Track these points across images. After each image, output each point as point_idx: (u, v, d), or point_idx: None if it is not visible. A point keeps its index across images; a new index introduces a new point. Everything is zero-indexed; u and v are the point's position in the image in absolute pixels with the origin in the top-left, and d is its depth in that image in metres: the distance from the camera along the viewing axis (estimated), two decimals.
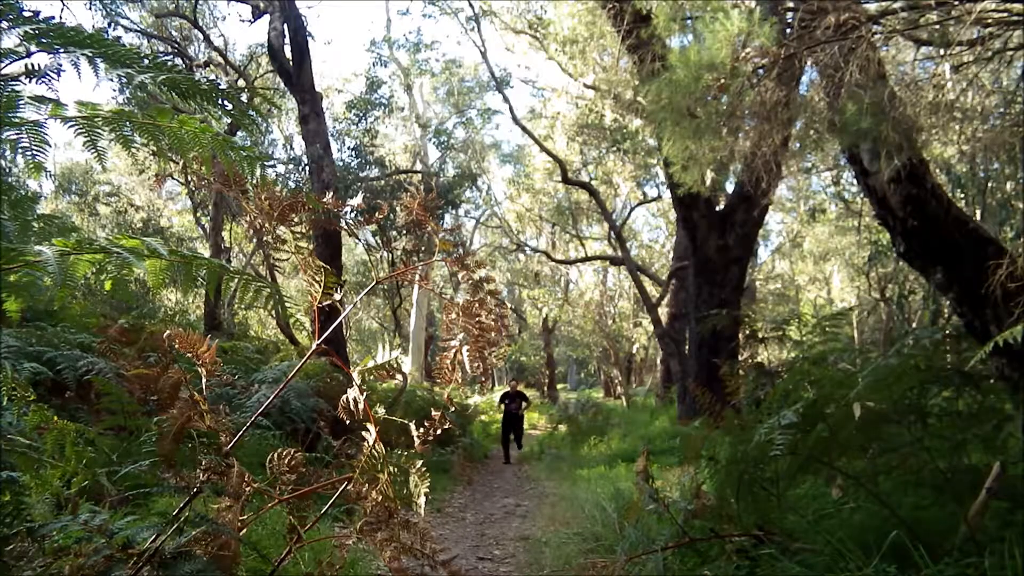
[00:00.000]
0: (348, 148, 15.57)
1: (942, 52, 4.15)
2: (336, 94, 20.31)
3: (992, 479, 3.16)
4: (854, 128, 4.08)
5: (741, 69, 4.23)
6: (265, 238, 1.97)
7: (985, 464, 3.40)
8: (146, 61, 1.29)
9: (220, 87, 1.41)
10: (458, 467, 9.37)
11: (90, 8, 12.40)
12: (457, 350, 1.78)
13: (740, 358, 9.96)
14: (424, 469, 1.92)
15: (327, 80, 21.07)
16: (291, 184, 13.57)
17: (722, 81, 4.24)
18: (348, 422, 1.94)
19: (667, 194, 18.19)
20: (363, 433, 1.94)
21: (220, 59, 15.34)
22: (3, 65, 1.32)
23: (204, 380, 1.95)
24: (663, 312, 17.18)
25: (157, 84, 1.28)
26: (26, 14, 1.19)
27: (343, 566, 2.00)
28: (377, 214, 2.02)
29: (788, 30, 4.30)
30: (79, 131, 1.32)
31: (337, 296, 2.04)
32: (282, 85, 13.73)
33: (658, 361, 21.66)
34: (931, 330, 5.24)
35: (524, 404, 13.33)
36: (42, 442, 2.42)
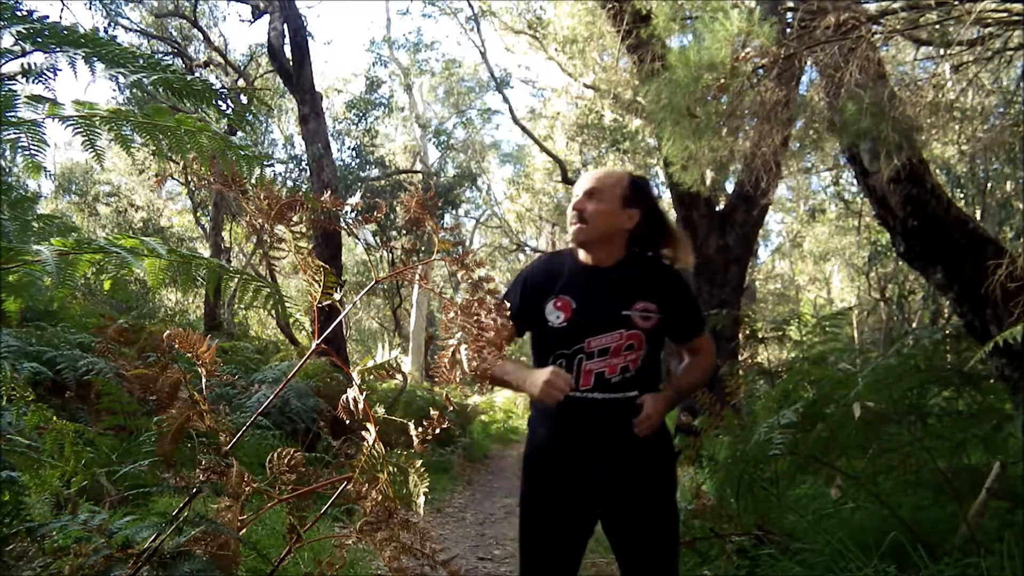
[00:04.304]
0: (348, 148, 15.56)
1: (942, 52, 4.15)
2: (336, 94, 20.30)
3: (992, 479, 3.16)
4: (854, 128, 4.08)
5: (741, 69, 4.23)
6: (264, 237, 1.97)
7: (985, 464, 3.40)
8: (141, 61, 1.29)
9: (213, 87, 1.41)
10: (458, 467, 9.36)
11: (90, 8, 12.39)
12: (455, 349, 1.78)
13: (740, 358, 9.95)
14: (424, 469, 1.92)
15: (327, 80, 21.08)
16: (291, 183, 13.57)
17: (722, 81, 4.24)
18: (348, 422, 1.94)
19: (667, 194, 18.15)
20: (363, 433, 1.94)
21: (220, 59, 15.33)
22: (0, 64, 1.32)
23: (204, 380, 1.95)
24: None
25: (152, 84, 1.28)
26: (20, 13, 1.19)
27: (343, 566, 2.00)
28: (376, 213, 2.02)
29: (788, 30, 4.30)
30: (77, 130, 1.32)
31: (337, 296, 2.04)
32: (282, 85, 13.72)
33: None
34: (931, 330, 5.24)
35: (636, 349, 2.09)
36: (42, 442, 2.42)
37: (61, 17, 11.81)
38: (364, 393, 1.91)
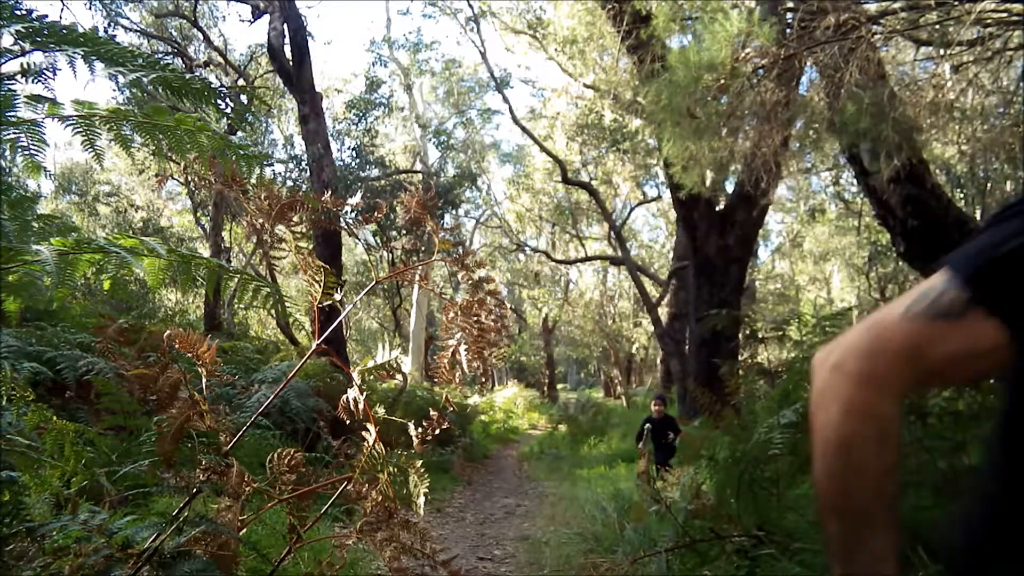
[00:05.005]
0: (348, 148, 15.57)
1: (942, 52, 4.15)
2: (336, 94, 20.30)
3: None
4: (854, 128, 4.08)
5: (741, 69, 4.23)
6: (264, 237, 1.97)
7: None
8: (140, 60, 1.29)
9: (213, 87, 1.41)
10: (458, 467, 9.36)
11: (90, 8, 12.40)
12: (455, 349, 1.78)
13: (740, 358, 9.95)
14: (424, 469, 1.91)
15: (327, 80, 21.08)
16: (291, 183, 13.57)
17: (722, 81, 4.24)
18: (348, 422, 1.94)
19: (667, 194, 18.20)
20: (363, 433, 1.94)
21: (220, 59, 15.34)
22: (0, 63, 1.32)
23: (204, 380, 1.95)
24: (663, 312, 17.17)
25: (151, 83, 1.28)
26: (19, 12, 1.19)
27: (343, 566, 2.00)
28: (376, 213, 2.02)
29: (788, 30, 4.30)
30: (76, 130, 1.32)
31: (337, 296, 2.04)
32: (282, 85, 13.72)
33: (658, 361, 21.67)
34: None
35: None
36: (42, 442, 2.42)
37: (61, 17, 11.81)
38: (364, 393, 1.91)
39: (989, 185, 10.81)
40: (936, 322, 0.75)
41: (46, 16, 1.20)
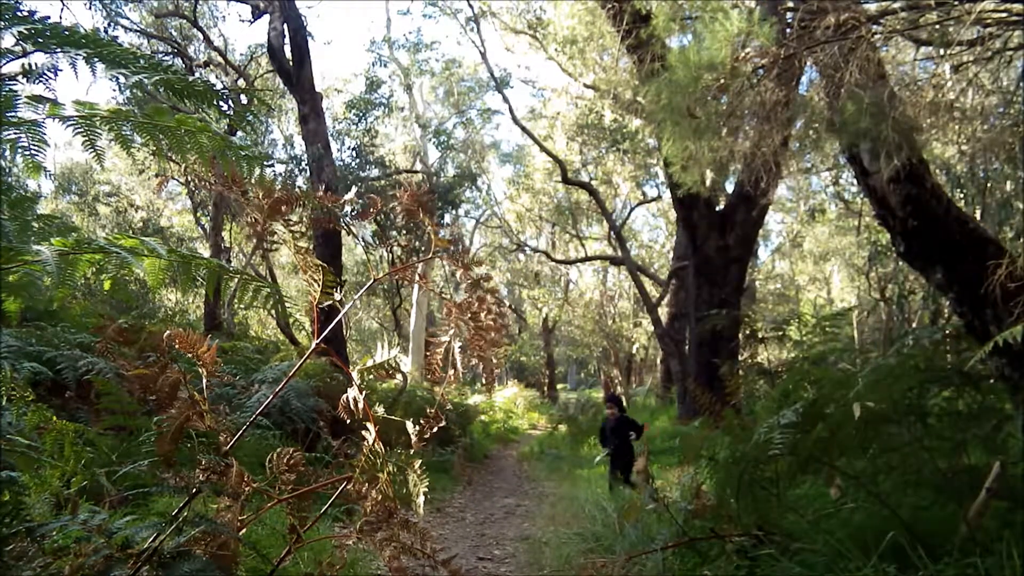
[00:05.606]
0: (348, 148, 15.57)
1: (942, 52, 4.15)
2: (336, 94, 20.31)
3: (992, 479, 3.16)
4: (854, 128, 4.08)
5: (741, 69, 4.23)
6: (258, 230, 1.97)
7: (985, 464, 3.40)
8: (142, 62, 1.29)
9: (214, 88, 1.41)
10: (458, 467, 9.35)
11: (90, 8, 12.40)
12: (447, 345, 1.78)
13: (740, 358, 9.96)
14: (423, 469, 1.92)
15: (327, 80, 21.09)
16: (291, 184, 13.56)
17: (722, 81, 4.24)
18: (348, 422, 1.94)
19: (667, 194, 18.22)
20: (363, 433, 1.94)
21: (220, 59, 15.34)
22: (1, 64, 1.32)
23: (204, 380, 1.95)
24: (663, 312, 17.17)
25: (153, 85, 1.28)
26: (21, 13, 1.19)
27: (343, 566, 2.00)
28: (371, 208, 2.02)
29: (788, 30, 4.30)
30: (77, 130, 1.32)
31: (337, 296, 2.04)
32: (282, 85, 13.73)
33: (658, 361, 21.67)
34: (931, 330, 5.25)
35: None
36: (42, 442, 2.42)
37: (61, 17, 11.82)
38: (364, 393, 1.91)
39: (989, 185, 10.81)
40: None
41: (48, 18, 1.20)
